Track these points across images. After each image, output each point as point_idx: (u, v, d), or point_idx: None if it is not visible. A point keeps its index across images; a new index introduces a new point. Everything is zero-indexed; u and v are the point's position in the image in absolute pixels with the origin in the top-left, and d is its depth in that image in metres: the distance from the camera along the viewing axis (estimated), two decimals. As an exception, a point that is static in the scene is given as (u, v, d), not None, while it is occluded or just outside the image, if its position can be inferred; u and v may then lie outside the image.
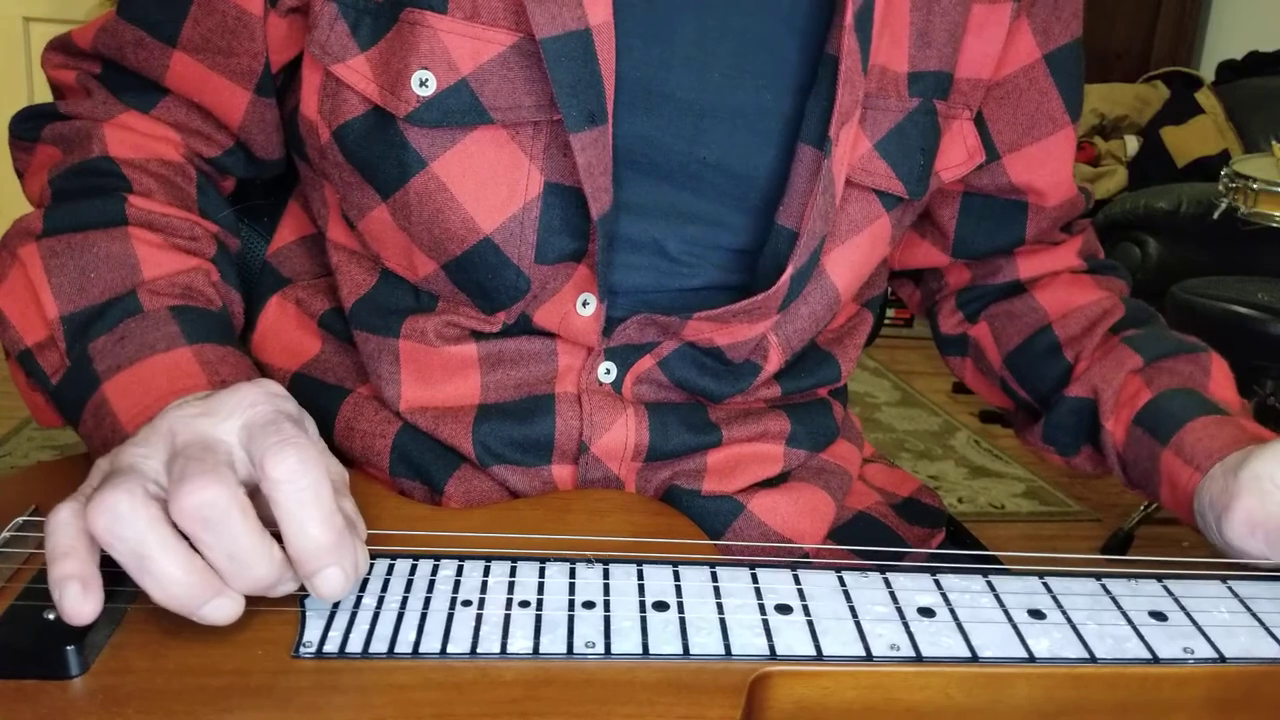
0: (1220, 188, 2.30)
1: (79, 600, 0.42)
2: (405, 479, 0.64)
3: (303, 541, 0.43)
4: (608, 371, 0.63)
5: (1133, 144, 3.59)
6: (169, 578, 0.42)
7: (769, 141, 0.61)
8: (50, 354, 0.58)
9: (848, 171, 0.62)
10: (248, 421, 0.46)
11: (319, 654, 0.44)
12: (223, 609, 0.43)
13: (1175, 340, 0.71)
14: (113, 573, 0.46)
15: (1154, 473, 0.66)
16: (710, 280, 0.64)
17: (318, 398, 0.66)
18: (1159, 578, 0.52)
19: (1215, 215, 2.31)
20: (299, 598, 0.47)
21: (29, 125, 0.67)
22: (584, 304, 0.61)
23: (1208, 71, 3.82)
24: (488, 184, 0.58)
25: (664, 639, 0.46)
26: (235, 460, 0.45)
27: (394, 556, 0.51)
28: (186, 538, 0.42)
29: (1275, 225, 2.21)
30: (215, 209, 0.67)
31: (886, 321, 0.98)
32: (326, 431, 0.66)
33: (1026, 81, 0.69)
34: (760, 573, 0.51)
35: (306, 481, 0.43)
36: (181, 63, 0.63)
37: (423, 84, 0.56)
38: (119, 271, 0.59)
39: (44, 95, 0.69)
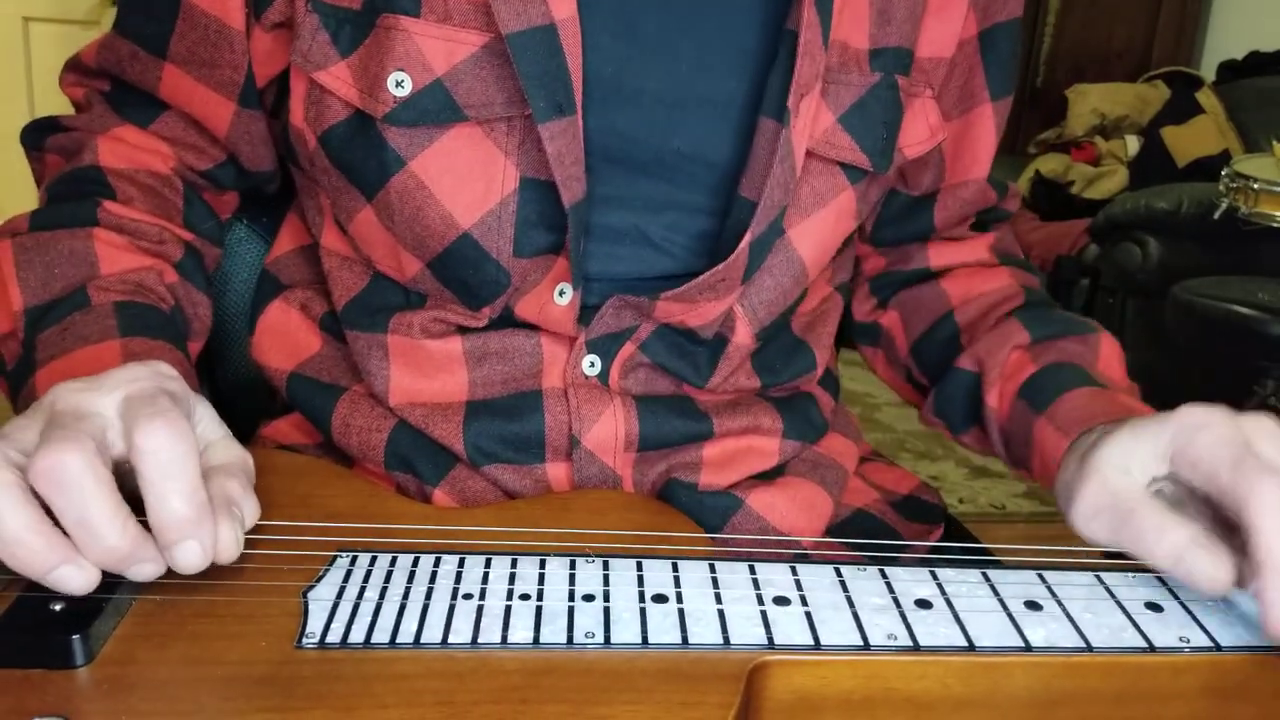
0: (1221, 188, 2.31)
1: None
2: (400, 473, 0.64)
3: (163, 513, 0.43)
4: (592, 364, 0.64)
5: (1133, 144, 3.60)
6: (13, 537, 0.41)
7: (740, 127, 0.62)
8: (11, 344, 0.61)
9: (811, 144, 0.63)
10: (128, 395, 0.46)
11: (322, 644, 0.44)
12: (71, 577, 0.42)
13: (1066, 320, 0.71)
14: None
15: (1029, 444, 0.65)
16: (688, 264, 0.65)
17: (314, 396, 0.67)
18: (1155, 571, 0.53)
19: (1216, 215, 2.32)
20: (302, 590, 0.48)
21: (35, 136, 0.71)
22: (560, 293, 0.62)
23: (1208, 71, 3.82)
24: (465, 180, 0.59)
25: (663, 630, 0.46)
26: (109, 432, 0.45)
27: (396, 552, 0.51)
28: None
29: (1276, 225, 2.21)
30: (200, 220, 0.70)
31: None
32: (324, 429, 0.67)
33: (961, 57, 0.70)
34: (758, 567, 0.51)
35: (172, 454, 0.43)
36: (171, 74, 0.65)
37: (399, 85, 0.57)
38: (79, 268, 0.62)
39: (43, 95, 0.72)
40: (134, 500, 0.44)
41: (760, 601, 0.48)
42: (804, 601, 0.48)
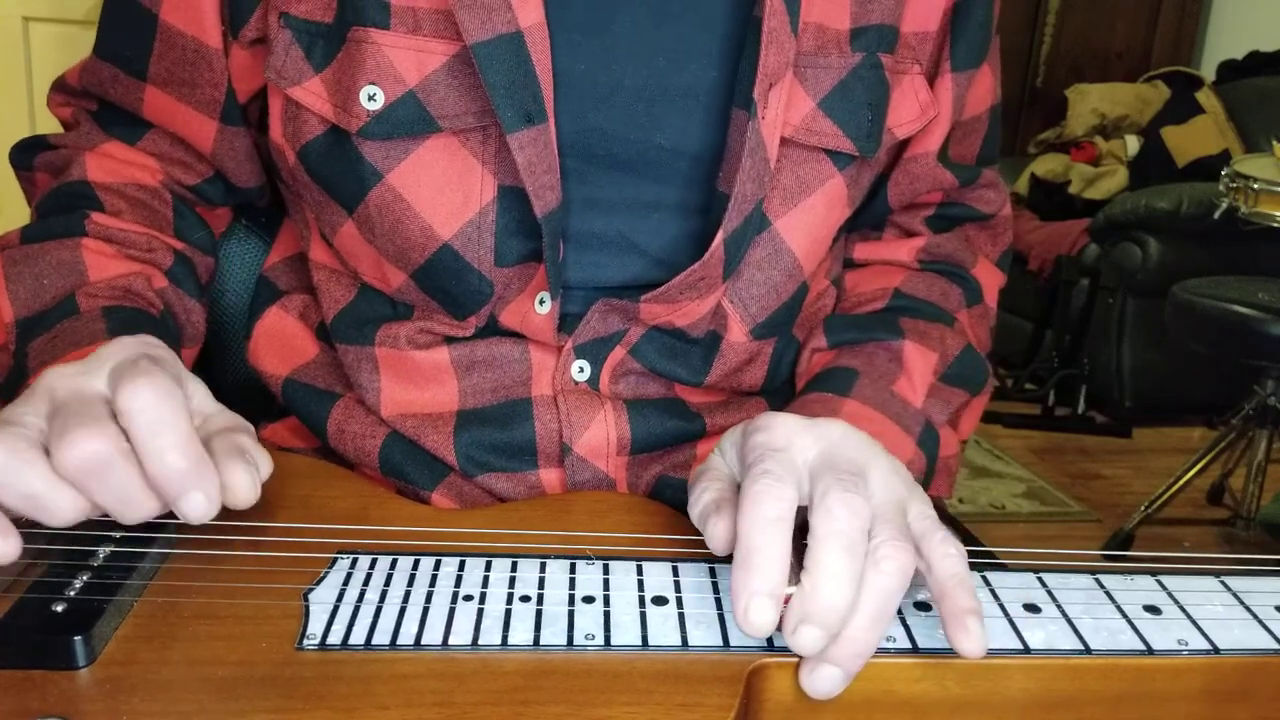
0: (1221, 188, 2.30)
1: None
2: (396, 480, 0.65)
3: (161, 469, 0.44)
4: (581, 370, 0.64)
5: (1133, 144, 3.60)
6: (62, 509, 0.44)
7: (719, 118, 0.62)
8: (3, 356, 0.61)
9: (790, 132, 0.62)
10: (114, 365, 0.47)
11: (323, 646, 0.45)
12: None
13: (877, 325, 0.70)
14: (122, 567, 0.47)
15: None
16: (677, 268, 0.63)
17: (310, 402, 0.67)
18: (1153, 573, 0.53)
19: (1216, 215, 2.32)
20: (303, 592, 0.48)
21: (24, 156, 0.71)
22: (540, 302, 0.62)
23: (1208, 71, 3.83)
24: (443, 191, 0.59)
25: (663, 632, 0.46)
26: (112, 408, 0.46)
27: (396, 554, 0.51)
28: None
29: (1276, 225, 2.21)
30: (191, 230, 0.70)
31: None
32: (320, 435, 0.67)
33: (938, 28, 0.67)
34: (759, 567, 0.51)
35: (158, 410, 0.44)
36: (153, 95, 0.66)
37: (371, 99, 0.57)
38: (67, 277, 0.62)
39: (43, 95, 0.72)
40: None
41: (760, 603, 0.48)
42: (803, 603, 0.48)
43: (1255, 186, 2.22)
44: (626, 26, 0.60)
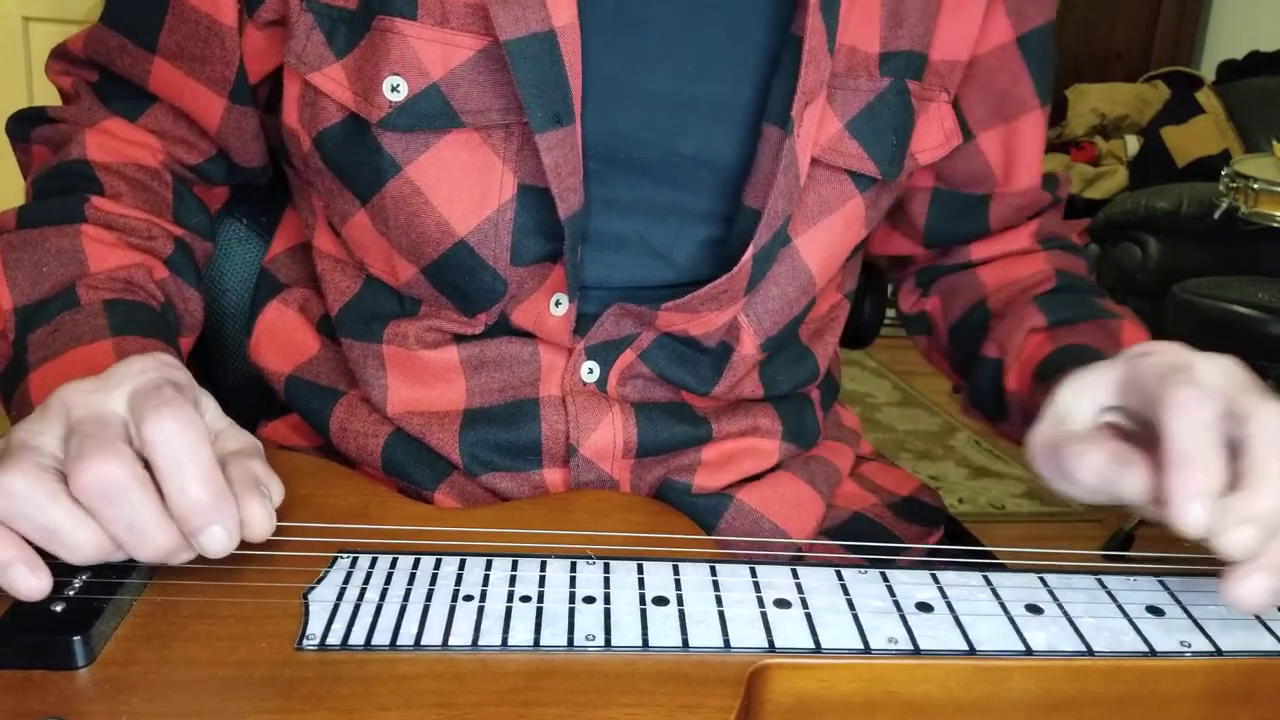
0: (1221, 188, 2.31)
1: (30, 578, 0.42)
2: (398, 479, 0.64)
3: (183, 501, 0.43)
4: (590, 371, 0.63)
5: (1133, 144, 3.60)
6: (80, 543, 0.43)
7: (746, 131, 0.61)
8: (1, 345, 0.60)
9: (817, 152, 0.62)
10: (134, 389, 0.46)
11: (322, 646, 0.44)
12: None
13: (1089, 305, 0.70)
14: (121, 566, 0.47)
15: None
16: (691, 273, 0.64)
17: (312, 399, 0.67)
18: (1156, 574, 0.53)
19: (1216, 215, 2.32)
20: (303, 591, 0.48)
21: (22, 127, 0.70)
22: (556, 304, 0.62)
23: (1208, 71, 3.82)
24: (461, 187, 0.59)
25: (664, 632, 0.46)
26: (129, 430, 0.45)
27: (396, 553, 0.51)
28: None
29: (1276, 225, 2.21)
30: (190, 214, 0.69)
31: (886, 321, 0.98)
32: (322, 432, 0.66)
33: (998, 63, 0.69)
34: (759, 569, 0.51)
35: (182, 441, 0.43)
36: (161, 68, 0.65)
37: (394, 89, 0.57)
38: (67, 266, 0.61)
39: (43, 95, 0.71)
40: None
41: (761, 604, 0.48)
42: (805, 604, 0.48)
43: (1255, 186, 2.22)
44: (658, 31, 0.60)
